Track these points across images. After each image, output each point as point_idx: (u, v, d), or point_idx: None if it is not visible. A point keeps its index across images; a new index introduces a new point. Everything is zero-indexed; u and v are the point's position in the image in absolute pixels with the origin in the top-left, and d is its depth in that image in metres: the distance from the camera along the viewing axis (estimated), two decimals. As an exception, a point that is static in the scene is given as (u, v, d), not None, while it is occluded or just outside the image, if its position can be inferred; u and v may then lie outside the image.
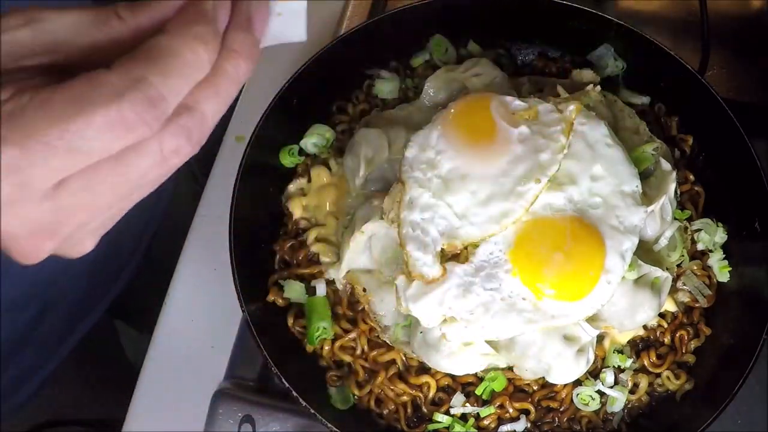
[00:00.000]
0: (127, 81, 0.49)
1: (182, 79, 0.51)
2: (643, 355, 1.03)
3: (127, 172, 0.52)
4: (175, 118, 0.52)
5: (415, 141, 0.96)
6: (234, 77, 0.54)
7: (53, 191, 0.51)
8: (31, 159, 0.49)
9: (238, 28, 0.55)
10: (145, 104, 0.49)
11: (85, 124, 0.49)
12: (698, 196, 1.10)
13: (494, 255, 0.93)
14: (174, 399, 1.13)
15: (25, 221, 0.52)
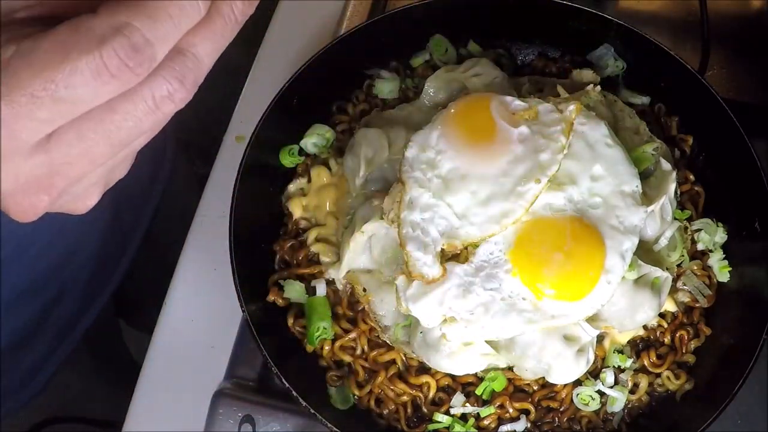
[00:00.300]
0: (110, 27, 0.47)
1: (171, 24, 0.49)
2: (643, 355, 1.03)
3: (120, 120, 0.50)
4: (166, 62, 0.50)
5: (415, 141, 0.96)
6: (230, 18, 0.52)
7: (44, 144, 0.50)
8: (17, 112, 0.47)
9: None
10: (128, 50, 0.47)
11: (69, 72, 0.47)
12: (698, 196, 1.10)
13: (494, 255, 0.93)
14: (174, 399, 1.13)
15: (17, 177, 0.51)
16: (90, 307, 1.37)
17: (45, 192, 0.52)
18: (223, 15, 0.51)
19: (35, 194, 0.52)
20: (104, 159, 0.52)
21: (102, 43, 0.47)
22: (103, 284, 1.38)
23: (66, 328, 1.33)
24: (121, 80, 0.48)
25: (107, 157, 0.52)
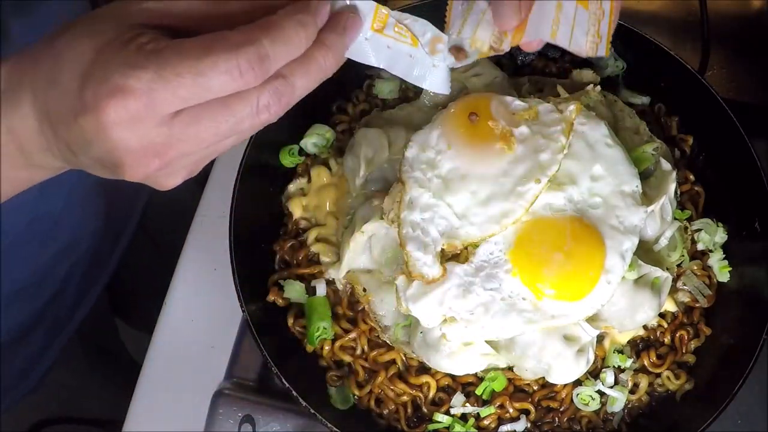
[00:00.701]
0: (244, 39, 0.60)
1: (285, 49, 0.62)
2: (643, 355, 1.03)
3: (228, 115, 0.62)
4: (272, 80, 0.62)
5: (415, 141, 0.96)
6: (321, 65, 0.65)
7: (170, 119, 0.61)
8: (162, 83, 0.59)
9: (334, 30, 0.67)
10: (255, 58, 0.60)
11: (210, 64, 0.59)
12: (698, 196, 1.10)
13: (494, 255, 0.93)
14: (174, 399, 1.13)
15: (142, 138, 0.61)
16: (84, 300, 1.38)
17: (158, 157, 0.62)
18: (317, 60, 0.65)
19: (150, 157, 0.62)
20: (206, 144, 0.63)
21: (238, 49, 0.59)
22: (97, 277, 1.39)
23: (61, 322, 1.34)
24: (244, 81, 0.60)
25: (209, 143, 0.63)
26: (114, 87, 0.59)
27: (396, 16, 0.73)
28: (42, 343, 1.31)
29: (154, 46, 0.60)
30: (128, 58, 0.60)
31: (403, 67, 0.75)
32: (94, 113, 0.60)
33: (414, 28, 0.75)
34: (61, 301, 1.30)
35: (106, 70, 0.60)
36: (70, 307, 1.34)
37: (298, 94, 0.65)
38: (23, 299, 1.21)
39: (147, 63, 0.59)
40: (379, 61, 0.73)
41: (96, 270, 1.37)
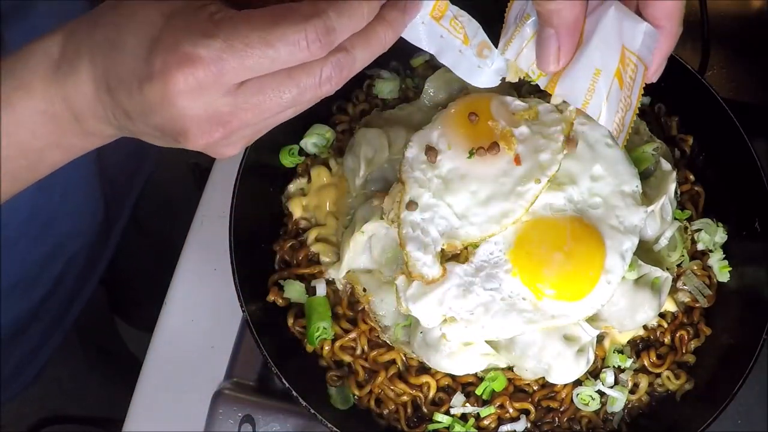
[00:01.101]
0: (312, 11, 0.61)
1: (349, 22, 0.63)
2: (643, 355, 1.03)
3: (293, 86, 0.63)
4: (335, 52, 0.63)
5: (415, 141, 0.96)
6: (381, 39, 0.67)
7: (235, 88, 0.62)
8: (232, 53, 0.60)
9: (395, 7, 0.68)
10: (323, 30, 0.61)
11: (279, 35, 0.60)
12: (698, 196, 1.10)
13: (494, 255, 0.93)
14: (174, 399, 1.13)
15: (207, 107, 0.62)
16: (79, 296, 1.38)
17: (222, 126, 0.64)
18: (378, 34, 0.66)
19: (214, 126, 0.63)
20: (269, 114, 0.64)
21: (307, 20, 0.60)
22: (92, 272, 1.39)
23: (57, 318, 1.34)
24: (311, 51, 0.61)
25: (271, 113, 0.64)
26: (183, 55, 0.59)
27: (454, 11, 0.75)
28: (38, 339, 1.31)
29: (223, 15, 0.61)
30: (198, 26, 0.60)
31: (451, 58, 0.77)
32: (161, 80, 0.60)
33: (467, 27, 0.77)
34: (56, 296, 1.30)
35: (175, 38, 0.60)
36: (65, 303, 1.35)
37: (357, 66, 0.66)
38: (19, 295, 1.21)
39: (217, 32, 0.60)
40: (431, 46, 0.75)
41: (90, 265, 1.38)
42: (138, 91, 0.62)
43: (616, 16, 0.71)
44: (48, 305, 1.29)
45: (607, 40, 0.72)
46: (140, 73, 0.61)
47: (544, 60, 0.73)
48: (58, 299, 1.31)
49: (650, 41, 0.72)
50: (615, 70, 0.73)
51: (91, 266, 1.39)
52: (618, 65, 0.73)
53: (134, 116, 0.65)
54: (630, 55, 0.72)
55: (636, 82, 0.74)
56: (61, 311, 1.35)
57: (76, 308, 1.38)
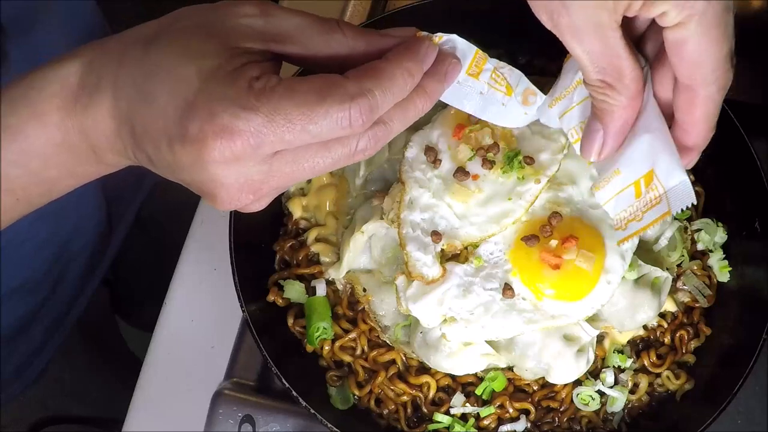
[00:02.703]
0: (359, 89, 0.61)
1: (392, 98, 0.63)
2: (643, 355, 1.03)
3: (327, 156, 0.63)
4: (374, 125, 0.64)
5: (415, 141, 0.96)
6: (419, 110, 0.67)
7: (270, 158, 0.62)
8: (271, 128, 0.59)
9: (435, 77, 0.68)
10: (367, 110, 0.61)
11: (323, 113, 0.60)
12: (698, 196, 1.10)
13: (494, 255, 0.93)
14: (174, 399, 1.13)
15: (240, 175, 0.62)
16: (81, 296, 1.38)
17: (252, 193, 0.64)
18: (416, 105, 0.66)
19: (245, 193, 0.64)
20: (299, 179, 0.64)
21: (353, 100, 0.60)
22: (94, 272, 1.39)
23: (59, 318, 1.34)
24: (352, 129, 0.61)
25: (302, 179, 0.65)
26: (222, 127, 0.59)
27: (494, 63, 0.75)
28: (40, 339, 1.31)
29: (264, 83, 0.60)
30: (238, 95, 0.59)
31: (494, 113, 0.77)
32: (196, 147, 0.59)
33: (510, 78, 0.76)
34: (58, 297, 1.30)
35: (213, 105, 0.59)
36: (67, 303, 1.35)
37: (392, 136, 0.66)
38: (22, 296, 1.21)
39: (258, 105, 0.59)
40: (469, 106, 0.75)
41: (92, 266, 1.38)
42: (168, 149, 0.61)
43: (652, 142, 0.71)
44: (49, 306, 1.29)
45: (637, 156, 0.72)
46: (172, 133, 0.60)
47: (587, 150, 0.74)
48: (60, 300, 1.31)
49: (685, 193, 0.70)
50: (634, 181, 0.73)
51: (93, 267, 1.39)
52: (640, 179, 0.72)
53: (159, 167, 0.64)
54: (659, 184, 0.71)
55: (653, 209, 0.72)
56: (63, 312, 1.35)
57: (77, 309, 1.38)
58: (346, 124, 0.60)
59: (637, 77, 0.68)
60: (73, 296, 1.36)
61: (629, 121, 0.71)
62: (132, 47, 0.63)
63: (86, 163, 0.67)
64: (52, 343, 1.35)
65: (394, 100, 0.64)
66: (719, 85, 0.67)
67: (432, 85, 0.67)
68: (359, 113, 0.61)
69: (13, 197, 0.68)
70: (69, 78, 0.64)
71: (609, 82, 0.68)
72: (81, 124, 0.64)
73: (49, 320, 1.31)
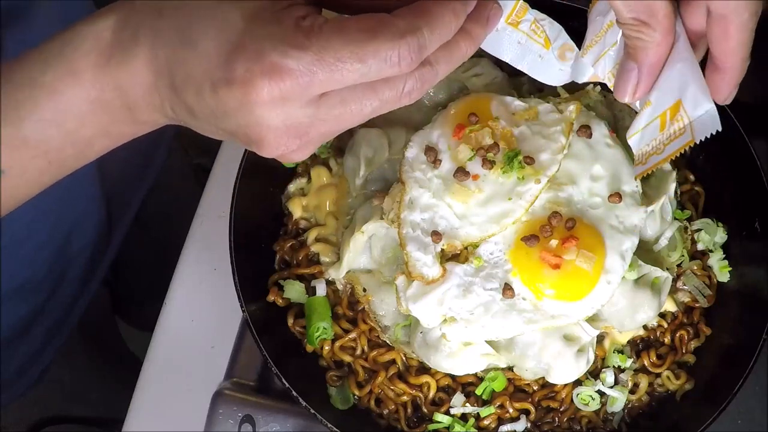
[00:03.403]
0: (409, 27, 0.59)
1: (439, 38, 0.62)
2: (643, 355, 1.03)
3: (374, 99, 0.62)
4: (420, 66, 0.62)
5: (415, 141, 0.96)
6: (463, 53, 0.66)
7: (317, 100, 0.60)
8: (321, 67, 0.58)
9: (478, 21, 0.67)
10: (416, 48, 0.60)
11: (373, 51, 0.58)
12: (698, 196, 1.10)
13: (494, 255, 0.93)
14: (174, 399, 1.13)
15: (287, 118, 0.60)
16: (82, 297, 1.38)
17: (299, 138, 0.62)
18: (461, 48, 0.65)
19: (291, 138, 0.62)
20: (347, 125, 0.63)
21: (402, 37, 0.59)
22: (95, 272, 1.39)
23: (61, 319, 1.34)
24: (401, 68, 0.60)
25: (350, 124, 0.63)
26: (271, 65, 0.57)
27: (534, 14, 0.75)
28: (41, 340, 1.31)
29: (312, 22, 0.59)
30: (286, 34, 0.58)
31: (529, 63, 0.77)
32: (243, 89, 0.58)
33: (549, 31, 0.76)
34: (59, 298, 1.30)
35: (261, 45, 0.58)
36: (68, 304, 1.35)
37: (438, 79, 0.65)
38: (23, 297, 1.21)
39: (308, 43, 0.58)
40: (508, 54, 0.75)
41: (93, 266, 1.38)
42: (212, 94, 0.60)
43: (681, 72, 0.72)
44: (50, 307, 1.29)
45: (666, 87, 0.73)
46: (216, 77, 0.59)
47: (622, 90, 0.74)
48: (61, 301, 1.31)
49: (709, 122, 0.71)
50: (661, 113, 0.74)
51: (94, 268, 1.39)
52: (666, 111, 0.73)
53: (201, 117, 0.62)
54: (684, 115, 0.72)
55: (676, 140, 0.73)
56: (64, 313, 1.35)
57: (78, 309, 1.38)
58: (395, 62, 0.59)
59: (670, 13, 0.69)
60: (74, 297, 1.36)
61: (663, 58, 0.72)
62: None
63: (121, 122, 0.66)
64: (53, 344, 1.35)
65: (441, 41, 0.62)
66: (752, 11, 0.68)
67: (475, 29, 0.66)
68: (408, 51, 0.59)
69: (45, 160, 0.66)
70: (103, 33, 0.63)
71: (643, 19, 0.68)
72: (116, 79, 0.62)
73: (50, 321, 1.31)
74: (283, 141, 0.62)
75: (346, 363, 1.04)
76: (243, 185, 1.02)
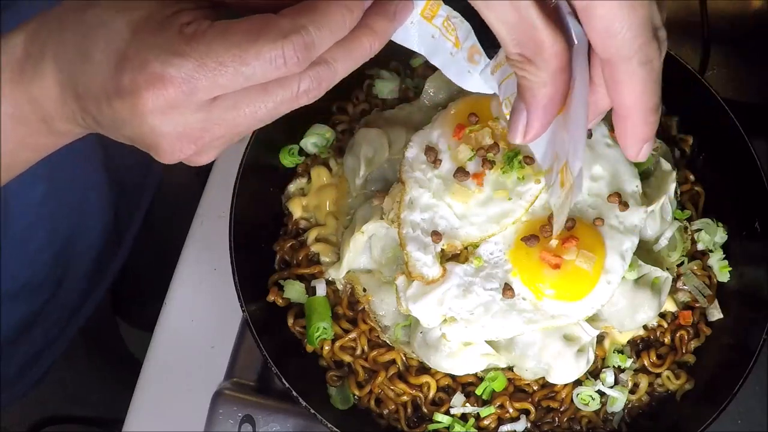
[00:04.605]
0: (292, 26, 0.59)
1: (330, 35, 0.60)
2: (643, 355, 1.03)
3: (268, 100, 0.61)
4: (314, 65, 0.61)
5: (415, 141, 0.96)
6: (366, 50, 0.64)
7: (208, 104, 0.60)
8: (203, 73, 0.58)
9: (383, 15, 0.65)
10: (301, 46, 0.59)
11: (255, 53, 0.58)
12: (698, 196, 1.10)
13: (494, 255, 0.93)
14: (174, 399, 1.13)
15: (178, 124, 0.60)
16: (88, 299, 1.38)
17: (193, 142, 0.62)
18: (362, 43, 0.63)
19: (186, 143, 0.62)
20: (243, 129, 0.63)
21: (286, 37, 0.58)
22: (101, 276, 1.39)
23: (64, 320, 1.34)
24: (288, 68, 0.59)
25: (247, 127, 0.63)
26: (153, 75, 0.58)
27: (447, 10, 0.71)
28: (41, 343, 1.31)
29: (195, 28, 0.59)
30: (168, 42, 0.58)
31: (442, 60, 0.74)
32: (130, 99, 0.59)
33: (459, 30, 0.73)
34: (60, 300, 1.30)
35: (144, 55, 0.58)
36: (71, 307, 1.34)
37: (338, 77, 0.64)
38: (23, 298, 1.21)
39: (188, 50, 0.58)
40: (421, 47, 0.72)
41: (100, 270, 1.38)
42: (107, 106, 0.60)
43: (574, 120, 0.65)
44: (51, 309, 1.28)
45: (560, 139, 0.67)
46: (108, 88, 0.60)
47: (511, 130, 0.68)
48: (63, 304, 1.31)
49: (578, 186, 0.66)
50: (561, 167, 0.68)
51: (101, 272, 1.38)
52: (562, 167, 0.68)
53: (105, 126, 0.63)
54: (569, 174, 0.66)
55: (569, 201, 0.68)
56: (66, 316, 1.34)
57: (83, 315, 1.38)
58: (280, 63, 0.58)
59: (559, 52, 0.62)
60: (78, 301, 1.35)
61: (555, 100, 0.65)
62: (72, 10, 0.63)
63: (40, 134, 0.67)
64: (55, 347, 1.35)
65: (334, 38, 0.61)
66: (641, 59, 0.60)
67: (380, 24, 0.64)
68: (293, 51, 0.58)
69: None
70: (16, 48, 0.64)
71: (528, 56, 0.62)
72: (29, 94, 0.64)
73: (50, 323, 1.31)
74: (177, 147, 0.62)
75: (346, 363, 1.04)
76: (243, 185, 1.03)
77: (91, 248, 1.32)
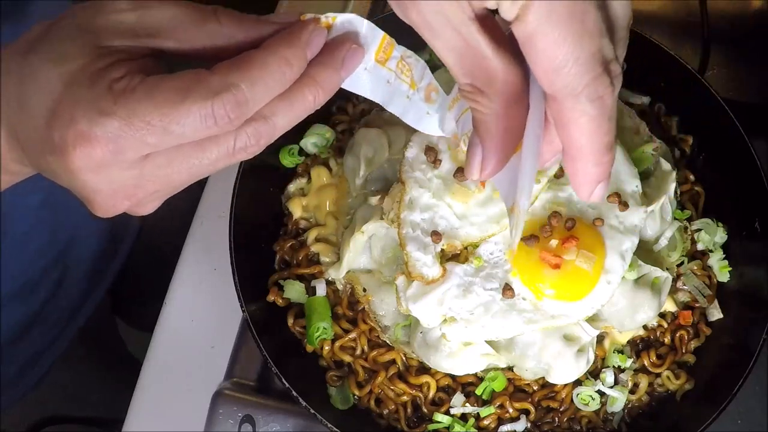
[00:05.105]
0: (223, 84, 0.57)
1: (265, 90, 0.58)
2: (643, 355, 1.03)
3: (203, 157, 0.60)
4: (251, 121, 0.59)
5: (415, 141, 0.96)
6: (308, 103, 0.61)
7: (140, 162, 0.58)
8: (131, 133, 0.56)
9: (329, 65, 0.62)
10: (233, 104, 0.57)
11: (184, 112, 0.56)
12: (698, 196, 1.10)
13: (494, 255, 0.93)
14: (174, 399, 1.13)
15: (110, 182, 0.59)
16: (87, 301, 1.38)
17: (128, 199, 0.61)
18: (305, 96, 0.61)
19: (120, 199, 0.61)
20: (179, 184, 0.62)
21: (215, 96, 0.56)
22: (101, 276, 1.39)
23: (64, 321, 1.34)
24: (220, 127, 0.57)
25: (182, 183, 0.62)
26: (79, 134, 0.56)
27: (401, 50, 0.67)
28: (40, 344, 1.31)
29: (125, 84, 0.56)
30: (97, 98, 0.56)
31: (399, 106, 0.69)
32: (61, 156, 0.57)
33: (414, 69, 0.69)
34: (59, 302, 1.30)
35: (72, 111, 0.56)
36: (70, 309, 1.34)
37: (278, 132, 0.61)
38: (21, 299, 1.21)
39: (116, 108, 0.56)
40: (376, 95, 0.67)
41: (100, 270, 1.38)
42: (42, 158, 0.59)
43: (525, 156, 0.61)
44: (50, 310, 1.28)
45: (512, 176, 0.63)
46: (42, 143, 0.59)
47: (467, 166, 0.65)
48: (62, 306, 1.31)
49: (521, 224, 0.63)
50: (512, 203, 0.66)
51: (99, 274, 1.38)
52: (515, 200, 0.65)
53: (46, 174, 0.62)
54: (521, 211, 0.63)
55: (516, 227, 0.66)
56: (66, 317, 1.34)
57: (82, 316, 1.38)
58: (210, 122, 0.57)
59: (511, 81, 0.59)
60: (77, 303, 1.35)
61: (510, 133, 0.61)
62: (17, 53, 0.61)
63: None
64: (55, 348, 1.35)
65: (270, 94, 0.59)
66: (590, 95, 0.56)
67: (324, 75, 0.61)
68: (223, 109, 0.56)
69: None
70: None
71: (478, 86, 0.60)
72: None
73: (49, 325, 1.31)
74: (111, 202, 0.61)
75: (346, 363, 1.04)
76: (242, 185, 1.03)
77: (91, 249, 1.31)
